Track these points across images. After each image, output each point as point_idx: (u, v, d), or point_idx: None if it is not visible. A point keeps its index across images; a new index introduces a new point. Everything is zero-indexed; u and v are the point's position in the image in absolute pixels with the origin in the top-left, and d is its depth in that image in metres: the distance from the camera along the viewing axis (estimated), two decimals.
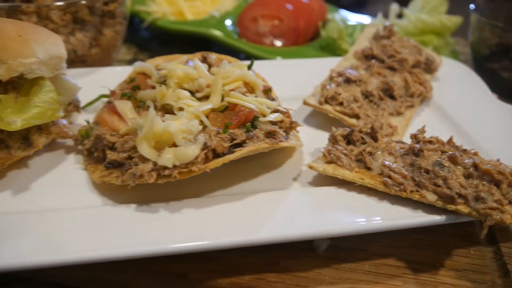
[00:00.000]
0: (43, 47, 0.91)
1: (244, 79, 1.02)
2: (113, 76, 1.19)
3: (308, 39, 1.71)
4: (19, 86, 0.91)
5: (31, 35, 0.90)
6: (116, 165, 0.90)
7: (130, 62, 1.67)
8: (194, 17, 1.81)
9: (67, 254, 0.74)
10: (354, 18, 1.83)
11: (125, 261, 0.76)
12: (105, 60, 1.32)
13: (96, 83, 1.17)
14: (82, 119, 1.08)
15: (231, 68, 1.05)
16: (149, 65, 1.11)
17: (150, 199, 0.87)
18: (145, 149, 0.84)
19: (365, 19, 1.83)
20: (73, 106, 1.04)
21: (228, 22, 1.75)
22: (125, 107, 0.97)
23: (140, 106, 1.01)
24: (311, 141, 1.07)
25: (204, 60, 1.16)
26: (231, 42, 1.59)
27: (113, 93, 1.07)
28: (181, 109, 0.95)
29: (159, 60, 1.19)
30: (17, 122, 0.86)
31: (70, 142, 1.03)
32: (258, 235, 0.79)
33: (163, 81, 1.06)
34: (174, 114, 0.95)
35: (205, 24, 1.70)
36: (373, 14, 1.90)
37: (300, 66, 1.38)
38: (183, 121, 0.88)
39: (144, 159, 0.85)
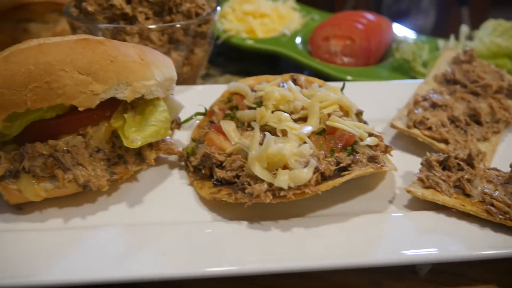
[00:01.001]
0: (160, 70, 0.98)
1: (340, 103, 1.07)
2: (200, 94, 1.27)
3: (378, 59, 1.74)
4: (136, 105, 0.98)
5: (150, 59, 0.97)
6: (224, 183, 0.96)
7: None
8: (264, 35, 1.86)
9: (189, 269, 0.80)
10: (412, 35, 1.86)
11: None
12: (192, 78, 1.39)
13: (185, 101, 1.23)
14: (178, 136, 1.16)
15: (326, 92, 1.09)
16: (244, 86, 1.17)
17: (254, 216, 0.92)
18: (258, 170, 0.89)
19: (431, 40, 1.85)
20: (175, 124, 1.11)
21: (298, 40, 1.81)
22: (229, 127, 1.03)
23: (239, 126, 1.07)
24: (399, 164, 1.10)
25: (294, 82, 1.21)
26: (304, 61, 1.64)
27: (212, 112, 1.13)
28: (283, 131, 1.00)
29: (250, 81, 1.25)
30: (138, 140, 0.93)
31: (172, 158, 1.10)
32: (365, 258, 0.83)
33: (259, 102, 1.11)
34: (274, 135, 1.00)
35: (277, 42, 1.76)
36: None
37: (378, 88, 1.41)
38: (293, 144, 0.92)
39: (256, 179, 0.90)
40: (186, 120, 1.20)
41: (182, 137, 1.17)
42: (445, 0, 5.18)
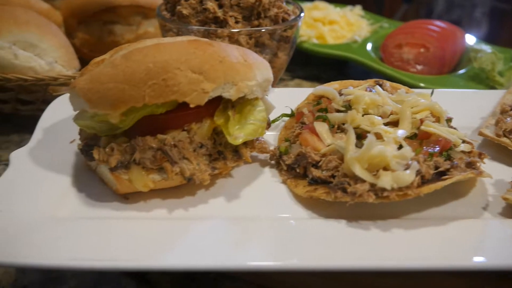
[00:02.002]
0: (260, 71, 1.02)
1: (432, 109, 1.08)
2: (278, 96, 1.30)
3: (452, 68, 1.73)
4: (236, 104, 1.02)
5: (252, 60, 1.01)
6: (320, 182, 0.99)
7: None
8: (334, 41, 1.89)
9: (293, 262, 0.82)
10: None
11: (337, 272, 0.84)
12: (273, 81, 1.42)
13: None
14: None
15: (417, 97, 1.10)
16: (332, 89, 1.19)
17: (349, 215, 0.94)
18: (359, 170, 0.91)
19: (506, 50, 1.82)
20: (267, 124, 1.14)
21: (369, 47, 1.82)
22: (322, 129, 1.06)
23: (329, 128, 1.09)
24: (489, 171, 1.10)
25: (379, 85, 1.23)
26: (378, 67, 1.65)
27: (301, 114, 1.16)
28: (377, 134, 1.01)
29: (335, 85, 1.27)
30: (240, 137, 0.97)
31: (262, 156, 1.13)
32: (469, 262, 0.83)
33: (347, 106, 1.14)
34: (365, 138, 1.02)
35: (349, 48, 1.78)
36: None
37: (460, 96, 1.40)
38: (392, 146, 0.94)
39: (356, 179, 0.92)
40: (274, 121, 1.24)
41: (266, 137, 1.21)
42: (499, 10, 5.05)
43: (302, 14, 1.36)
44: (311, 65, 1.93)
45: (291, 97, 1.28)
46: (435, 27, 1.75)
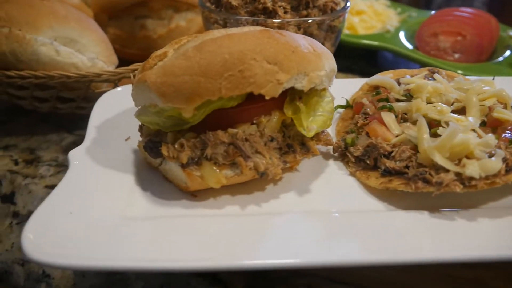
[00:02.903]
0: (327, 60, 0.99)
1: (499, 96, 1.06)
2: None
3: (489, 56, 1.71)
4: (302, 96, 0.99)
5: (320, 50, 0.98)
6: (394, 173, 0.96)
7: None
8: (365, 31, 1.86)
9: (385, 255, 0.80)
10: None
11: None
12: None
13: None
14: None
15: (481, 84, 1.08)
16: (389, 78, 1.17)
17: (426, 206, 0.91)
18: (441, 160, 0.88)
19: None
20: None
21: (401, 36, 1.80)
22: (390, 118, 1.03)
23: None
24: None
25: (433, 74, 1.20)
26: (417, 57, 1.62)
27: (361, 104, 1.13)
28: (447, 123, 0.99)
29: (390, 74, 1.24)
30: (314, 129, 0.94)
31: (323, 148, 1.10)
32: None
33: (408, 95, 1.11)
34: (433, 126, 0.99)
35: (383, 38, 1.75)
36: None
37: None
38: (472, 134, 0.92)
39: (437, 169, 0.89)
40: None
41: None
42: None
43: (348, 4, 1.33)
44: (340, 57, 1.90)
45: (341, 88, 1.25)
46: (468, 15, 1.73)
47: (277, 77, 0.88)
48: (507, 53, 1.69)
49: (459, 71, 1.54)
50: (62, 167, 1.28)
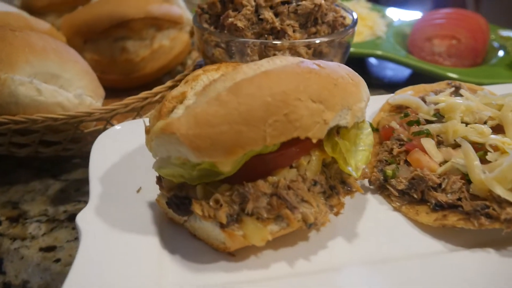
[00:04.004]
0: (364, 89, 0.90)
1: None
2: None
3: (483, 58, 1.68)
4: (340, 130, 0.89)
5: (356, 78, 0.88)
6: (447, 207, 0.88)
7: None
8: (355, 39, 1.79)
9: None
10: None
11: None
12: None
13: None
14: None
15: None
16: (415, 98, 1.09)
17: (482, 242, 0.85)
18: (504, 193, 0.82)
19: None
20: None
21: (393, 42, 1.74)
22: (430, 145, 0.95)
23: None
24: None
25: (456, 90, 1.14)
26: (418, 65, 1.56)
27: (390, 129, 1.05)
28: (495, 146, 0.92)
29: (409, 91, 1.17)
30: (360, 168, 0.85)
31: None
32: None
33: (438, 115, 1.04)
34: (476, 150, 0.93)
35: (377, 45, 1.69)
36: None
37: None
38: None
39: (497, 202, 0.83)
40: None
41: None
42: None
43: (356, 17, 1.25)
44: None
45: None
46: (460, 17, 1.69)
47: (323, 117, 0.78)
48: (501, 53, 1.67)
49: (453, 75, 1.50)
50: (54, 222, 1.11)
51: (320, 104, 0.78)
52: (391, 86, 1.70)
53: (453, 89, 1.11)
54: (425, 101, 1.10)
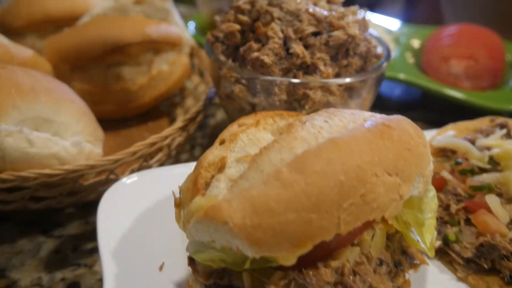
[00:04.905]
0: (428, 146, 0.77)
1: None
2: None
3: (501, 79, 1.60)
4: None
5: (423, 135, 0.76)
6: None
7: None
8: None
9: None
10: None
11: None
12: None
13: None
14: None
15: None
16: (464, 141, 0.98)
17: None
18: None
19: None
20: None
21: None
22: (496, 204, 0.84)
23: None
24: None
25: (502, 127, 1.04)
26: (446, 92, 1.44)
27: (441, 180, 0.93)
28: None
29: (450, 132, 1.06)
30: (434, 244, 0.73)
31: None
32: None
33: (493, 162, 0.93)
34: None
35: (391, 66, 1.57)
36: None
37: None
38: None
39: None
40: None
41: None
42: None
43: (389, 48, 1.12)
44: None
45: None
46: (476, 34, 1.60)
47: (400, 192, 0.65)
48: None
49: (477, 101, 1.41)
50: None
51: (397, 176, 0.65)
52: (403, 107, 1.60)
53: (504, 131, 1.00)
54: (471, 142, 0.99)
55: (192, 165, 0.93)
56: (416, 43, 1.76)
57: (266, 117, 0.80)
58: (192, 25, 1.79)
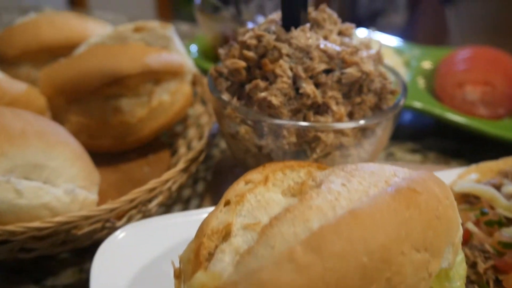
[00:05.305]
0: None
1: None
2: None
3: None
4: None
5: (450, 195, 0.68)
6: None
7: None
8: None
9: None
10: None
11: None
12: None
13: None
14: None
15: None
16: (489, 188, 0.90)
17: None
18: None
19: None
20: None
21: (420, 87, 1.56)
22: None
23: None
24: None
25: None
26: (454, 119, 1.37)
27: (466, 233, 0.85)
28: None
29: (472, 175, 0.98)
30: None
31: None
32: None
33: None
34: None
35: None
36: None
37: None
38: None
39: None
40: None
41: None
42: None
43: (406, 83, 1.05)
44: None
45: None
46: (492, 58, 1.53)
47: (429, 270, 0.57)
48: None
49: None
50: None
51: (425, 252, 0.57)
52: (416, 135, 1.52)
53: None
54: (497, 188, 0.92)
55: (194, 214, 0.86)
56: (427, 64, 1.69)
57: (275, 171, 0.72)
58: (194, 48, 1.73)
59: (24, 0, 4.23)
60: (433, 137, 1.51)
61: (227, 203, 0.66)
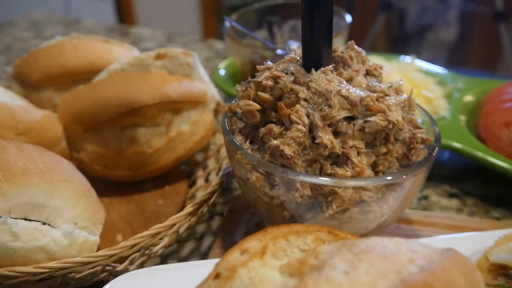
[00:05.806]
0: None
1: None
2: None
3: None
4: None
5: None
6: None
7: None
8: None
9: None
10: None
11: None
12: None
13: None
14: None
15: None
16: None
17: None
18: None
19: None
20: None
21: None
22: None
23: None
24: None
25: None
26: (498, 164, 1.24)
27: None
28: None
29: (510, 243, 0.86)
30: None
31: None
32: None
33: None
34: None
35: (442, 130, 1.37)
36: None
37: None
38: None
39: None
40: None
41: None
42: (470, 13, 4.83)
43: (438, 131, 0.94)
44: None
45: None
46: None
47: None
48: None
49: None
50: None
51: None
52: (453, 177, 1.40)
53: None
54: None
55: (201, 265, 0.81)
56: (469, 98, 1.56)
57: (278, 239, 0.65)
58: (222, 72, 1.68)
59: (70, 13, 4.35)
60: (474, 180, 1.38)
61: (217, 275, 0.60)
